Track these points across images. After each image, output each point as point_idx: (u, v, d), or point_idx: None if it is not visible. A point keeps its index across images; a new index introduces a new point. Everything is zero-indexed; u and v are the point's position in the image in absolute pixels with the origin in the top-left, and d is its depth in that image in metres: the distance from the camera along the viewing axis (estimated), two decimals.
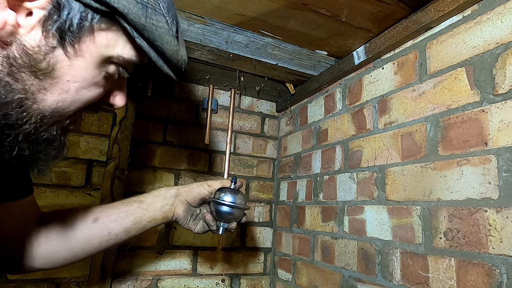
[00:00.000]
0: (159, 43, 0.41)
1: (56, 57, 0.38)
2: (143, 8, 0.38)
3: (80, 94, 0.41)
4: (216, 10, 0.90)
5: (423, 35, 0.80)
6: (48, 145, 0.42)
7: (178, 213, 0.77)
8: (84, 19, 0.37)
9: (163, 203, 0.75)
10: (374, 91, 0.94)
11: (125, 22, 0.38)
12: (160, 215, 0.75)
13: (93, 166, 1.17)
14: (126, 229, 0.70)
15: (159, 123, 1.27)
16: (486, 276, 0.59)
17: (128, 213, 0.71)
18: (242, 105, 1.44)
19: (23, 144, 0.39)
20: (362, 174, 0.94)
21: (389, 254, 0.81)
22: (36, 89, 0.38)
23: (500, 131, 0.61)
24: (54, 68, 0.38)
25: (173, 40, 0.43)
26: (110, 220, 0.69)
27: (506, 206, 0.58)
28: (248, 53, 1.04)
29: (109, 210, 0.70)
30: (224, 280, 1.29)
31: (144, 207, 0.73)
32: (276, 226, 1.39)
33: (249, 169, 1.41)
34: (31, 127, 0.39)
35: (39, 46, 0.37)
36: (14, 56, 0.36)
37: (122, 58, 0.42)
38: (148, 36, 0.40)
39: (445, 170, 0.70)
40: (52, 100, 0.39)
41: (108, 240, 0.69)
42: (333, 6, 0.82)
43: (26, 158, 0.40)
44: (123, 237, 0.71)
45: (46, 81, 0.38)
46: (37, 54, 0.37)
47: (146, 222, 0.73)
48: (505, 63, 0.61)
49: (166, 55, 0.43)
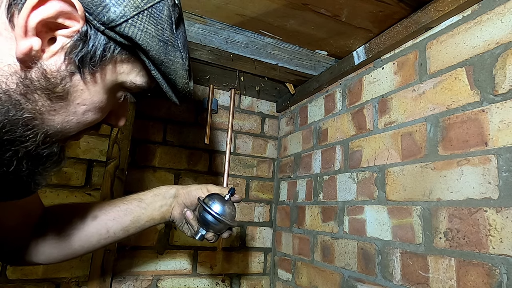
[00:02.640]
0: (172, 76, 0.43)
1: (72, 82, 0.38)
2: (164, 46, 0.40)
3: (86, 116, 0.42)
4: (216, 10, 0.90)
5: (423, 35, 0.80)
6: (47, 161, 0.42)
7: (175, 214, 0.77)
8: (107, 50, 0.38)
9: (162, 203, 0.75)
10: (374, 91, 0.94)
11: (145, 57, 0.40)
12: (158, 215, 0.75)
13: (93, 166, 1.17)
14: (124, 227, 0.71)
15: (159, 123, 1.27)
16: (486, 276, 0.59)
17: (127, 211, 0.71)
18: (242, 105, 1.44)
19: (22, 159, 0.39)
20: (362, 174, 0.94)
21: (389, 254, 0.81)
22: (46, 110, 0.38)
23: (500, 131, 0.61)
24: (69, 92, 0.38)
25: (185, 74, 0.45)
26: (109, 218, 0.69)
27: (506, 206, 0.58)
28: (248, 53, 1.04)
29: (108, 208, 0.70)
30: (224, 280, 1.29)
31: (143, 206, 0.73)
32: (276, 226, 1.39)
33: (249, 169, 1.41)
34: (33, 145, 0.39)
35: (59, 71, 0.37)
36: (32, 78, 0.36)
37: (134, 85, 0.43)
38: (164, 70, 0.42)
39: (445, 170, 0.70)
40: (59, 121, 0.40)
41: (106, 238, 0.69)
42: (333, 6, 0.82)
43: (23, 173, 0.40)
44: (121, 235, 0.71)
45: (57, 103, 0.38)
46: (55, 79, 0.37)
47: (144, 221, 0.73)
48: (505, 63, 0.61)
49: (177, 87, 0.45)
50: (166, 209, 0.76)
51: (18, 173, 0.40)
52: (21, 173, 0.40)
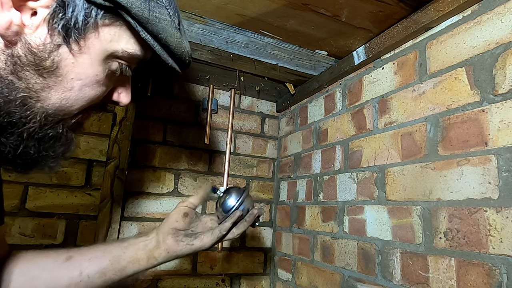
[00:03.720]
0: (162, 35, 0.41)
1: (61, 55, 0.38)
2: (146, 2, 0.38)
3: (84, 92, 0.41)
4: (216, 10, 0.90)
5: (423, 35, 0.80)
6: (54, 142, 0.42)
7: (169, 244, 0.65)
8: (89, 15, 0.37)
9: (146, 240, 0.66)
10: (374, 91, 0.94)
11: (129, 16, 0.38)
12: (143, 254, 0.64)
13: (93, 166, 1.17)
14: (101, 269, 0.60)
15: (159, 123, 1.27)
16: (486, 276, 0.59)
17: (105, 251, 0.62)
18: (242, 105, 1.44)
19: (28, 142, 0.39)
20: (362, 174, 0.94)
21: (389, 254, 0.81)
22: (40, 87, 0.38)
23: (500, 131, 0.61)
24: (59, 66, 0.38)
25: (176, 32, 0.43)
26: (85, 258, 0.60)
27: (506, 206, 0.58)
28: (248, 53, 1.04)
29: (86, 250, 0.63)
30: (224, 280, 1.29)
31: (125, 245, 0.64)
32: (276, 226, 1.39)
33: (249, 169, 1.41)
34: (35, 125, 0.39)
35: (44, 44, 0.37)
36: (19, 54, 0.36)
37: (126, 53, 0.42)
38: (152, 29, 0.39)
39: (445, 170, 0.70)
40: (56, 98, 0.39)
41: (78, 283, 0.59)
42: (333, 6, 0.82)
43: (32, 156, 0.40)
44: (96, 281, 0.60)
45: (50, 79, 0.38)
46: (42, 53, 0.37)
47: (126, 262, 0.62)
48: (505, 63, 0.61)
49: (170, 48, 0.43)
50: (153, 246, 0.65)
51: (27, 156, 0.40)
52: (30, 157, 0.40)
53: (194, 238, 0.67)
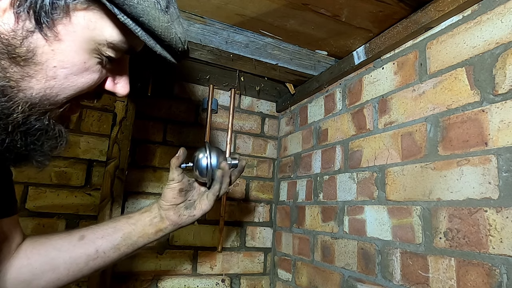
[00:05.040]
0: (144, 19, 0.37)
1: (35, 42, 0.36)
2: None
3: (71, 81, 0.39)
4: (216, 10, 0.90)
5: (423, 35, 0.80)
6: (42, 135, 0.40)
7: (173, 219, 0.71)
8: None
9: (151, 216, 0.70)
10: (374, 91, 0.94)
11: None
12: (151, 229, 0.70)
13: (93, 166, 1.17)
14: (115, 245, 0.65)
15: (159, 123, 1.27)
16: (486, 276, 0.59)
17: (116, 228, 0.67)
18: (242, 105, 1.44)
19: (14, 135, 0.38)
20: (362, 174, 0.94)
21: (389, 254, 0.81)
22: (20, 76, 0.37)
23: (500, 131, 0.61)
24: (35, 54, 0.36)
25: (163, 16, 0.38)
26: (97, 236, 0.64)
27: (506, 206, 0.58)
28: (248, 53, 1.04)
29: (96, 228, 0.66)
30: (224, 280, 1.29)
31: (133, 221, 0.69)
32: (276, 226, 1.39)
33: (249, 169, 1.41)
34: (19, 117, 0.37)
35: (14, 30, 0.35)
36: None
37: (112, 45, 0.40)
38: (130, 11, 0.36)
39: (445, 170, 0.70)
40: (39, 88, 0.38)
41: (95, 259, 0.63)
42: (333, 6, 0.82)
43: (19, 150, 0.39)
44: (112, 255, 0.65)
45: (29, 67, 0.37)
46: (14, 40, 0.35)
47: (137, 237, 0.68)
48: (505, 63, 0.61)
49: (156, 33, 0.38)
50: (158, 220, 0.70)
51: (14, 150, 0.39)
52: (17, 150, 0.39)
53: (194, 209, 0.72)
